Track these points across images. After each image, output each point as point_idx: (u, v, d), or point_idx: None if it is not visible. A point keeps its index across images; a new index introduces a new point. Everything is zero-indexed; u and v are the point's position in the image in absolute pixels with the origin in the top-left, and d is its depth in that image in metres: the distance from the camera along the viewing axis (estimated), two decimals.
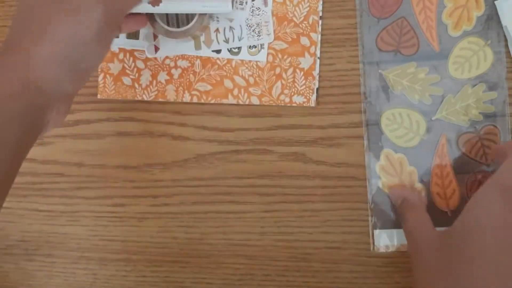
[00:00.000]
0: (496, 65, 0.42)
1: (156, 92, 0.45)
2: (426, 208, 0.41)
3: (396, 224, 0.43)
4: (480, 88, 0.42)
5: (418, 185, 0.42)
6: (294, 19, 0.44)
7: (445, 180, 0.42)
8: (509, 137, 0.42)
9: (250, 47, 0.45)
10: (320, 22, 0.45)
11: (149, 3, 0.40)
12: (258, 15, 0.44)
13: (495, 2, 0.43)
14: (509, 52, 0.43)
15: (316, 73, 0.44)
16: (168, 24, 0.43)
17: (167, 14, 0.44)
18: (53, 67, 0.31)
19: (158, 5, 0.41)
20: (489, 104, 0.42)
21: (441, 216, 0.42)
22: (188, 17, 0.45)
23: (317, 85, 0.44)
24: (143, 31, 0.45)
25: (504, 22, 0.43)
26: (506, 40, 0.42)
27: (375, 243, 0.43)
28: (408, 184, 0.43)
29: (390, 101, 0.43)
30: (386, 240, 0.43)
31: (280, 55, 0.45)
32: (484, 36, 0.42)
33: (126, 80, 0.45)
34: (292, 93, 0.44)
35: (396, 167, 0.43)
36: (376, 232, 0.43)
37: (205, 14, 0.43)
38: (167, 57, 0.45)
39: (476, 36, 0.42)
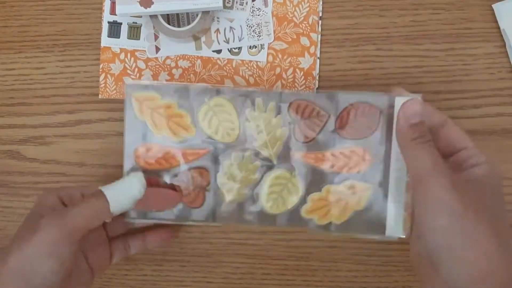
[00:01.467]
0: None
1: None
2: None
3: None
4: None
5: None
6: (294, 19, 0.45)
7: None
8: None
9: (250, 47, 0.45)
10: (320, 22, 0.45)
11: (140, 5, 0.41)
12: (258, 15, 0.45)
13: (493, 5, 0.44)
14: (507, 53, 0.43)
15: (316, 73, 0.45)
16: (169, 24, 0.44)
17: (168, 14, 0.44)
18: (12, 283, 0.34)
19: (149, 6, 0.42)
20: None
21: None
22: (189, 17, 0.45)
23: (317, 85, 0.45)
24: (144, 32, 0.45)
25: (502, 25, 0.43)
26: None
27: None
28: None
29: None
30: None
31: (280, 55, 0.45)
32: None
33: (127, 81, 0.46)
34: None
35: None
36: None
37: (207, 14, 0.43)
38: (168, 57, 0.46)
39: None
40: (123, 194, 0.36)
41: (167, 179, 0.40)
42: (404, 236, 0.38)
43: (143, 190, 0.37)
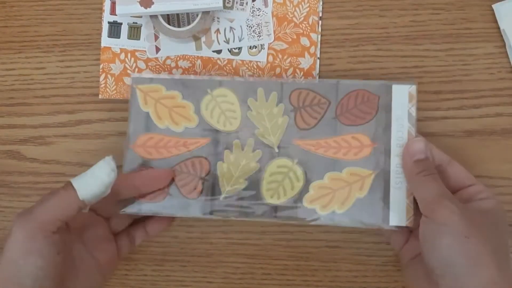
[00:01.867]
0: None
1: None
2: None
3: None
4: None
5: None
6: (294, 19, 0.45)
7: None
8: None
9: (250, 47, 0.45)
10: (320, 22, 0.45)
11: (140, 5, 0.41)
12: (258, 15, 0.45)
13: (493, 5, 0.44)
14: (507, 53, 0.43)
15: (316, 73, 0.45)
16: (169, 24, 0.44)
17: (168, 14, 0.44)
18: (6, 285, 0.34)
19: (150, 6, 0.42)
20: None
21: None
22: (189, 17, 0.45)
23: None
24: (144, 32, 0.45)
25: (502, 25, 0.43)
26: None
27: None
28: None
29: None
30: None
31: (280, 55, 0.45)
32: None
33: (128, 80, 0.46)
34: None
35: None
36: None
37: (208, 14, 0.43)
38: (168, 58, 0.46)
39: None
40: (91, 180, 0.35)
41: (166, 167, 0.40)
42: (407, 226, 0.38)
43: (113, 174, 0.36)
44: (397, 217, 0.39)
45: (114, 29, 0.46)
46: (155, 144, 0.41)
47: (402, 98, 0.39)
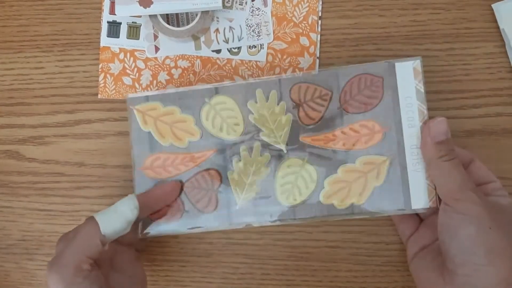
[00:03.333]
0: None
1: None
2: None
3: None
4: None
5: None
6: (294, 19, 0.45)
7: None
8: None
9: (250, 47, 0.45)
10: (319, 22, 0.45)
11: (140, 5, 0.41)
12: (257, 15, 0.45)
13: (492, 5, 0.44)
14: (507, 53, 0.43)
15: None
16: (168, 24, 0.43)
17: (167, 14, 0.44)
18: None
19: (149, 6, 0.42)
20: None
21: None
22: (189, 17, 0.45)
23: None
24: (143, 31, 0.45)
25: (501, 25, 0.43)
26: None
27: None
28: None
29: None
30: None
31: (279, 55, 0.45)
32: None
33: (127, 80, 0.46)
34: None
35: None
36: None
37: (207, 14, 0.43)
38: (167, 57, 0.45)
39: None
40: (114, 215, 0.36)
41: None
42: (431, 206, 0.38)
43: (136, 211, 0.36)
44: (419, 199, 0.38)
45: (113, 29, 0.46)
46: (162, 163, 0.40)
47: (407, 75, 0.38)
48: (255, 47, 0.45)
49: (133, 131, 0.40)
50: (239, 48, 0.45)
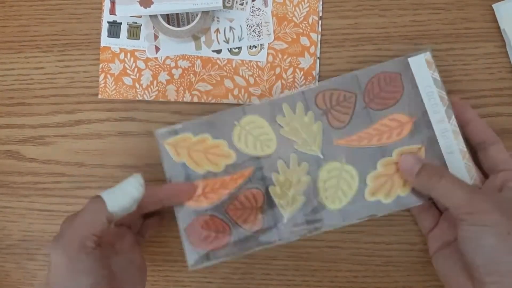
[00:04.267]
0: None
1: (156, 92, 0.45)
2: None
3: None
4: None
5: None
6: (294, 19, 0.45)
7: None
8: None
9: (250, 47, 0.45)
10: (319, 22, 0.45)
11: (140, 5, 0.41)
12: (258, 15, 0.45)
13: (493, 5, 0.44)
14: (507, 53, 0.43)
15: (316, 73, 0.45)
16: (168, 24, 0.43)
17: (167, 14, 0.44)
18: None
19: (149, 6, 0.42)
20: None
21: None
22: (189, 17, 0.45)
23: (317, 85, 0.45)
24: (143, 31, 0.45)
25: (502, 25, 0.43)
26: None
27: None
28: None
29: None
30: None
31: (280, 55, 0.45)
32: None
33: (127, 80, 0.46)
34: None
35: None
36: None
37: (207, 14, 0.43)
38: (167, 57, 0.45)
39: None
40: (120, 193, 0.36)
41: (220, 211, 0.40)
42: (473, 183, 0.38)
43: (142, 189, 0.36)
44: (462, 179, 0.38)
45: (114, 29, 0.46)
46: (202, 191, 0.40)
47: (422, 67, 0.40)
48: (255, 47, 0.45)
49: (166, 164, 0.40)
50: (239, 48, 0.45)
